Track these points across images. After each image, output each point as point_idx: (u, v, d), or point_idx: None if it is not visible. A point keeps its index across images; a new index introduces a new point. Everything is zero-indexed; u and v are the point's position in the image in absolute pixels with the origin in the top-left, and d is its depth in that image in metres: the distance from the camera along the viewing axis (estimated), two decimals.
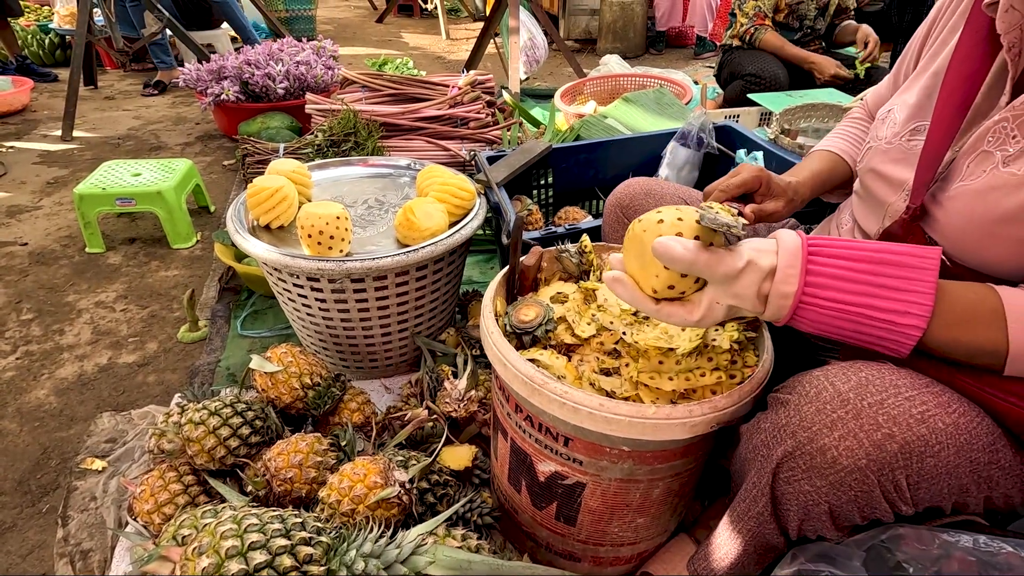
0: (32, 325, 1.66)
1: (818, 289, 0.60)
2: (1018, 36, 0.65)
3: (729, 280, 0.61)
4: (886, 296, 0.59)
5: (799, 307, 0.61)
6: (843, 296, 0.60)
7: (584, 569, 0.97)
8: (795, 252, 0.61)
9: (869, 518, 0.64)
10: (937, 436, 0.58)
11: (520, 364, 0.77)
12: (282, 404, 1.10)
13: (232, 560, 0.64)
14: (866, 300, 0.59)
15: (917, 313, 0.59)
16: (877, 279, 0.59)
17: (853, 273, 0.60)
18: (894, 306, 0.59)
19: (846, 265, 0.60)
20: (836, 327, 0.61)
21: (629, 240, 0.67)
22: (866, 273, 0.59)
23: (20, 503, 1.16)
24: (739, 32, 2.76)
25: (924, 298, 0.59)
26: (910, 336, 0.60)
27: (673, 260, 0.59)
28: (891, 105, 0.84)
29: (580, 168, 1.69)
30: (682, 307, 0.64)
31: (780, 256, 0.61)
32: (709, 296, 0.63)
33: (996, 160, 0.65)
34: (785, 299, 0.61)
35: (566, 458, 0.83)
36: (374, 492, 0.87)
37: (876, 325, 0.60)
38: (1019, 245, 0.65)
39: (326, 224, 1.14)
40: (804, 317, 0.62)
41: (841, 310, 0.60)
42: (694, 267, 0.60)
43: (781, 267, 0.60)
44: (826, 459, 0.60)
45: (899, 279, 0.59)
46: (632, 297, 0.65)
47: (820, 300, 0.60)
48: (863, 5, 2.97)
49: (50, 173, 2.61)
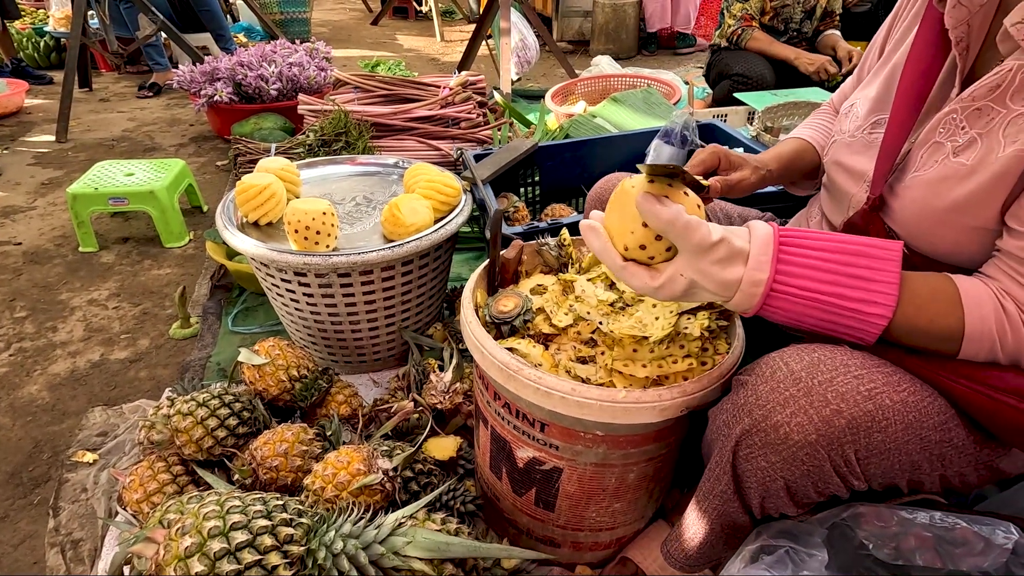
0: (25, 323, 1.68)
1: (789, 278, 0.61)
2: (965, 31, 0.68)
3: (700, 251, 0.60)
4: (854, 285, 0.61)
5: (770, 295, 0.61)
6: (813, 285, 0.61)
7: (564, 554, 1.00)
8: (767, 241, 0.62)
9: (825, 493, 0.66)
10: (884, 412, 0.61)
11: (496, 351, 0.80)
12: (270, 396, 1.12)
13: (214, 540, 0.66)
14: (835, 289, 0.61)
15: (883, 303, 0.61)
16: (846, 268, 0.61)
17: (823, 263, 0.61)
18: (862, 295, 0.61)
19: (816, 255, 0.61)
20: (805, 315, 0.63)
21: (614, 197, 0.67)
22: (835, 263, 0.61)
23: (12, 495, 1.18)
24: (727, 33, 2.80)
25: (890, 288, 0.61)
26: (876, 325, 0.62)
27: (654, 214, 0.59)
28: (854, 99, 0.86)
29: (566, 166, 1.72)
30: (646, 271, 0.63)
31: (752, 244, 0.62)
32: (675, 266, 0.62)
33: (947, 150, 0.68)
34: (756, 287, 0.61)
35: (543, 443, 0.85)
36: (357, 479, 0.89)
37: (844, 314, 0.62)
38: (970, 233, 0.68)
39: (312, 219, 1.16)
40: (774, 306, 0.62)
41: (811, 298, 0.61)
42: (672, 226, 0.59)
43: (753, 255, 0.61)
44: (779, 435, 0.62)
45: (866, 269, 0.61)
46: (603, 247, 0.65)
47: (791, 288, 0.61)
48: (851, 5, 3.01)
49: (44, 174, 2.63)
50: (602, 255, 0.65)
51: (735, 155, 0.91)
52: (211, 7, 3.62)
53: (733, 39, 2.79)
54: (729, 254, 0.61)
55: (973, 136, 0.66)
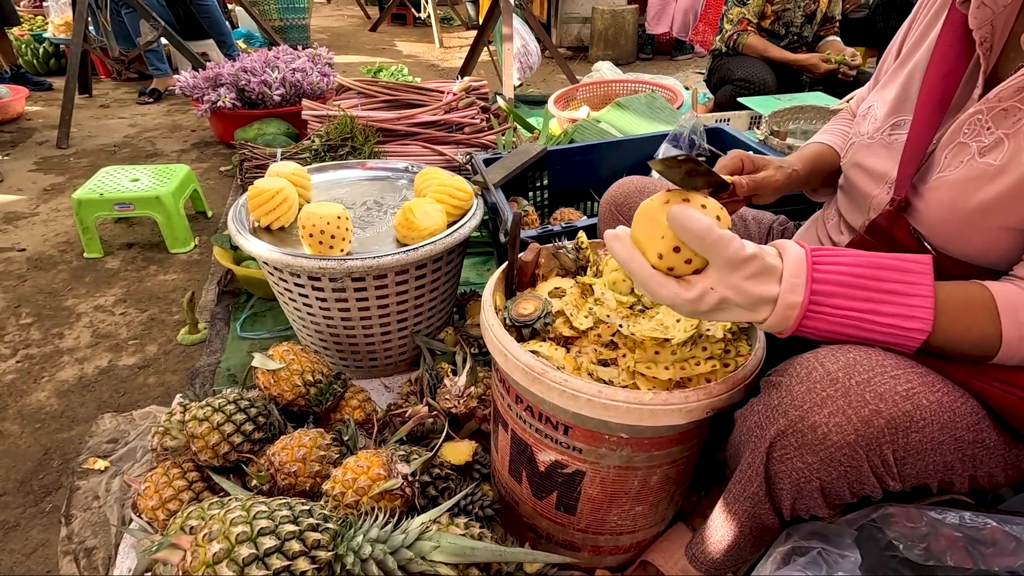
0: (32, 329, 1.66)
1: (824, 297, 0.60)
2: (989, 32, 0.69)
3: (732, 265, 0.58)
4: (891, 301, 0.60)
5: (806, 316, 0.60)
6: (848, 303, 0.60)
7: (584, 558, 0.99)
8: (799, 262, 0.60)
9: (859, 495, 0.66)
10: (922, 412, 0.61)
11: (520, 354, 0.80)
12: (284, 401, 1.12)
13: (242, 545, 0.66)
14: (871, 306, 0.60)
15: (921, 316, 0.60)
16: (881, 284, 0.60)
17: (857, 279, 0.60)
18: (898, 311, 0.60)
19: (850, 271, 0.60)
20: (841, 334, 0.62)
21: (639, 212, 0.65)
22: (869, 279, 0.60)
23: (23, 503, 1.16)
24: (725, 38, 2.83)
25: (925, 301, 0.60)
26: (915, 340, 0.61)
27: (687, 227, 0.57)
28: (871, 101, 0.87)
29: (575, 170, 1.73)
30: (676, 282, 0.61)
31: (786, 266, 0.60)
32: (707, 280, 0.60)
33: (972, 151, 0.69)
34: (791, 309, 0.60)
35: (565, 447, 0.85)
36: (378, 484, 0.88)
37: (881, 331, 0.61)
38: (998, 233, 0.68)
39: (327, 224, 1.16)
40: (809, 326, 0.61)
41: (848, 316, 0.60)
42: (706, 239, 0.57)
43: (787, 277, 0.59)
44: (817, 436, 0.62)
45: (899, 283, 0.60)
46: (630, 256, 0.62)
47: (826, 308, 0.60)
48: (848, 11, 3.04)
49: (46, 180, 2.62)
50: (629, 264, 0.63)
51: (759, 157, 0.91)
52: (212, 14, 3.62)
53: (730, 43, 2.82)
54: (762, 269, 0.59)
55: (1000, 136, 0.67)
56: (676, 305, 0.62)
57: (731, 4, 2.81)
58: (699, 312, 0.62)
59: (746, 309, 0.61)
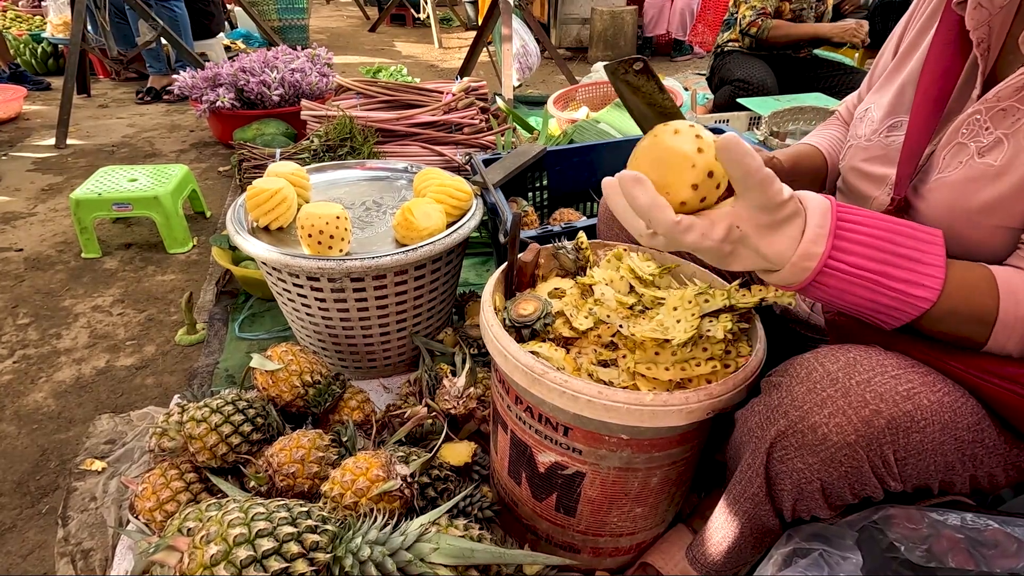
0: (29, 329, 1.66)
1: (843, 254, 0.58)
2: (986, 32, 0.69)
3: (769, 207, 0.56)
4: (904, 266, 0.59)
5: (822, 271, 0.59)
6: (863, 263, 0.59)
7: (584, 560, 0.99)
8: (825, 213, 0.59)
9: (860, 495, 0.66)
10: (922, 412, 0.60)
11: (520, 355, 0.79)
12: (282, 402, 1.11)
13: (240, 547, 0.65)
14: (885, 268, 0.59)
15: (929, 285, 0.60)
16: (897, 248, 0.59)
17: (875, 240, 0.59)
18: (910, 276, 0.60)
19: (869, 231, 0.59)
20: (849, 293, 0.60)
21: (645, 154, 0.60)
22: (887, 241, 0.59)
23: (19, 504, 1.16)
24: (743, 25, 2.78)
25: (936, 271, 0.60)
26: (919, 307, 0.60)
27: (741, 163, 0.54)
28: (868, 104, 0.87)
29: (574, 170, 1.72)
30: (702, 222, 0.58)
31: (810, 215, 0.58)
32: (732, 217, 0.58)
33: (971, 151, 0.68)
34: (810, 260, 0.58)
35: (565, 448, 0.85)
36: (376, 485, 0.88)
37: (889, 293, 0.60)
38: (994, 231, 0.68)
39: (326, 224, 1.16)
40: (822, 282, 0.60)
41: (861, 276, 0.59)
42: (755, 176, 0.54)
43: (811, 227, 0.57)
44: (817, 436, 0.62)
45: (915, 250, 0.60)
46: (652, 202, 0.57)
47: (843, 265, 0.59)
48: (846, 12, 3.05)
49: (44, 180, 2.61)
50: (650, 211, 0.57)
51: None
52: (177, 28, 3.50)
53: (751, 31, 2.76)
54: (792, 213, 0.58)
55: (999, 136, 0.66)
56: (700, 248, 0.59)
57: None
58: (722, 254, 0.59)
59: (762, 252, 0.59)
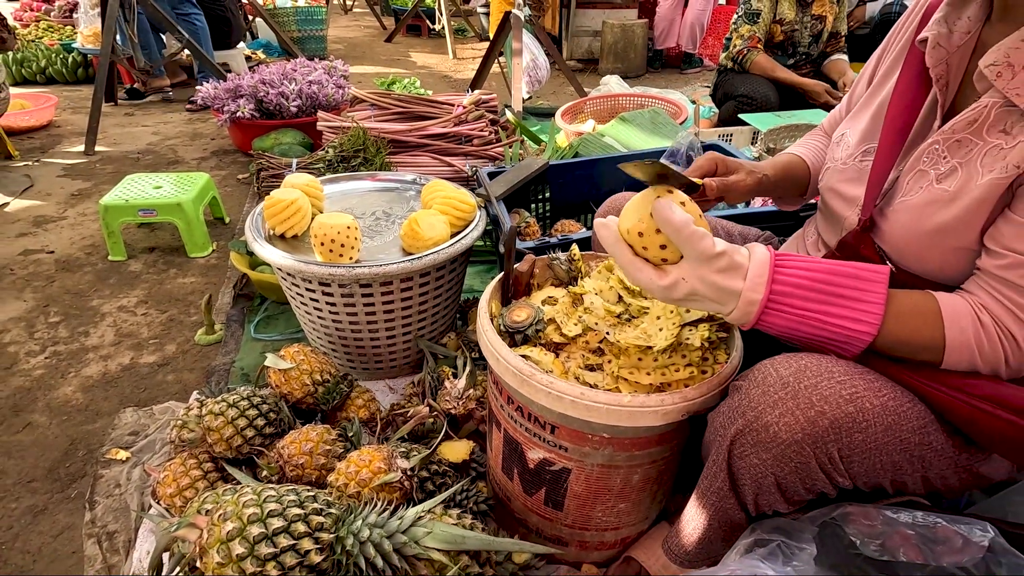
0: (59, 327, 1.76)
1: (782, 297, 0.67)
2: (944, 70, 0.75)
3: (703, 259, 0.65)
4: (842, 304, 0.67)
5: (765, 311, 0.67)
6: (804, 304, 0.67)
7: (571, 553, 1.05)
8: (764, 263, 0.67)
9: (813, 491, 0.72)
10: (864, 415, 0.66)
11: (511, 358, 0.86)
12: (294, 399, 1.19)
13: (253, 525, 0.73)
14: (824, 308, 0.67)
15: (869, 321, 0.67)
16: (835, 289, 0.67)
17: (813, 283, 0.67)
18: (849, 313, 0.67)
19: (807, 276, 0.67)
20: (797, 331, 0.69)
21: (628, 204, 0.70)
22: (824, 283, 0.67)
23: (51, 489, 1.25)
24: (732, 53, 2.88)
25: (875, 307, 0.67)
26: (862, 340, 0.68)
27: (667, 219, 0.63)
28: (844, 129, 0.93)
29: (576, 183, 1.79)
30: (653, 269, 0.68)
31: (751, 265, 0.67)
32: (679, 270, 0.67)
33: (931, 177, 0.74)
34: (752, 305, 0.67)
35: (553, 445, 0.91)
36: (378, 476, 0.95)
37: (832, 330, 0.68)
38: (954, 253, 0.74)
39: (337, 233, 1.24)
40: (768, 321, 0.68)
41: (802, 316, 0.67)
42: (682, 232, 0.63)
43: (751, 276, 0.66)
44: (769, 434, 0.68)
45: (855, 289, 0.67)
46: (614, 241, 0.68)
47: (784, 307, 0.67)
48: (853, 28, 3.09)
49: (74, 186, 2.74)
50: (613, 248, 0.69)
51: (732, 160, 0.97)
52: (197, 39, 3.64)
53: (738, 59, 2.86)
54: (729, 266, 0.66)
55: (954, 165, 0.72)
56: (651, 290, 0.68)
57: (741, 21, 2.84)
58: (672, 299, 0.68)
59: (713, 300, 0.68)
